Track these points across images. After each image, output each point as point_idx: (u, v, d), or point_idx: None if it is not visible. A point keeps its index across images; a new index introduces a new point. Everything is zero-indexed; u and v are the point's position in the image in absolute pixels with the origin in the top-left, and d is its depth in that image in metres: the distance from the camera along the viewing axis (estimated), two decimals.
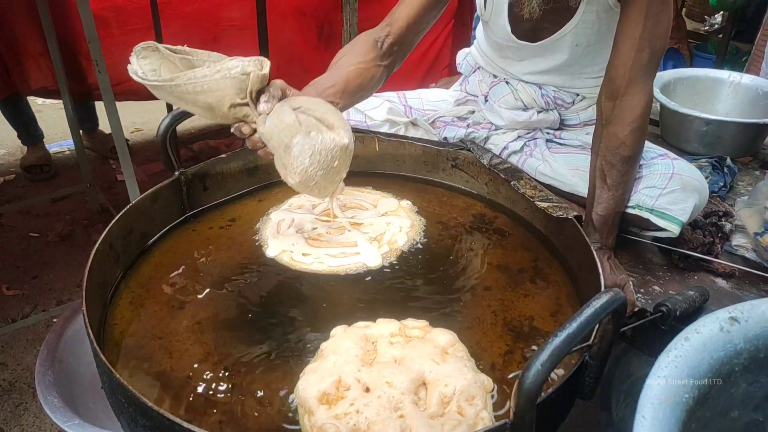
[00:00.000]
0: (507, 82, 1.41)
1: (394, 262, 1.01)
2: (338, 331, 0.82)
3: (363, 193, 1.19)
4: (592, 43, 1.26)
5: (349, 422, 0.68)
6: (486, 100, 1.44)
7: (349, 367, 0.74)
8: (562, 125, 1.43)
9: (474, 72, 1.51)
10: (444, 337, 0.81)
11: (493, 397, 0.76)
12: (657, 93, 1.67)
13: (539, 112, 1.39)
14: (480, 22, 1.44)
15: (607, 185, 1.12)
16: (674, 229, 1.15)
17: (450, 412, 0.70)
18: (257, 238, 1.08)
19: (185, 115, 1.00)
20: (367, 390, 0.72)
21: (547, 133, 1.41)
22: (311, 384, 0.73)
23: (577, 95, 1.40)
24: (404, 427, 0.67)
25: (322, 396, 0.71)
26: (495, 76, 1.45)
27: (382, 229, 1.07)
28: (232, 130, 0.92)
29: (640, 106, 1.09)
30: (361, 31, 1.82)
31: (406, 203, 1.16)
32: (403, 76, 2.81)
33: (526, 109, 1.39)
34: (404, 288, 0.96)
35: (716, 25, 4.72)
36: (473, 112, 1.48)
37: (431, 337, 0.81)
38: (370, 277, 0.98)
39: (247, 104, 0.87)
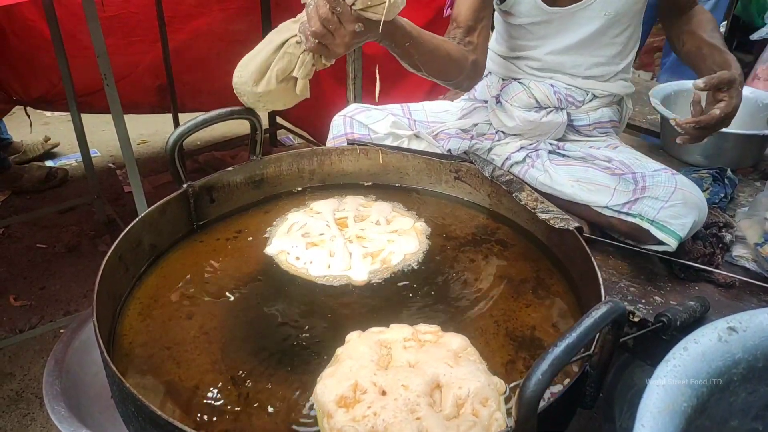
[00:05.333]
0: (519, 82, 1.43)
1: (384, 280, 1.01)
2: (353, 337, 0.84)
3: (386, 208, 1.20)
4: (620, 13, 1.31)
5: (367, 424, 0.69)
6: (498, 102, 1.46)
7: (365, 371, 0.76)
8: (570, 128, 1.45)
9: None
10: (456, 341, 0.83)
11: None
12: (657, 105, 1.69)
13: (550, 112, 1.41)
14: (494, 29, 1.47)
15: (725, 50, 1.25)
16: (672, 243, 1.16)
17: (465, 414, 0.72)
18: (267, 236, 1.11)
19: (193, 129, 1.02)
20: (384, 393, 0.73)
21: (550, 144, 1.43)
22: (329, 388, 0.74)
23: (587, 93, 1.42)
24: (421, 428, 0.69)
25: (340, 399, 0.73)
26: (503, 80, 1.47)
27: (381, 246, 1.08)
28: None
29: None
30: (366, 54, 1.84)
31: (420, 225, 1.16)
32: (409, 89, 2.83)
33: (539, 108, 1.41)
34: (408, 298, 0.98)
35: None
36: (477, 124, 1.50)
37: (444, 341, 0.83)
38: (371, 289, 1.00)
39: None
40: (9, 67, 2.49)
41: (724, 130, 1.61)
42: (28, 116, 2.70)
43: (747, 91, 1.78)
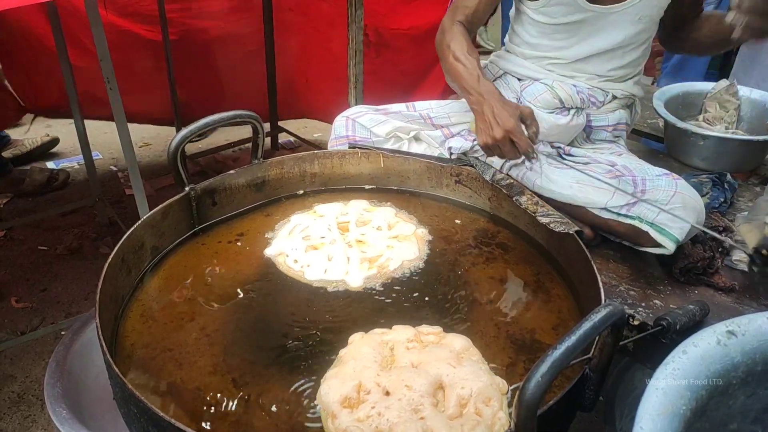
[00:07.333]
0: (542, 82, 1.43)
1: (380, 286, 1.01)
2: (356, 338, 0.85)
3: (389, 213, 1.20)
4: (651, 19, 1.35)
5: (371, 424, 0.70)
6: (519, 103, 1.45)
7: (368, 371, 0.77)
8: (589, 127, 1.46)
9: (495, 80, 1.53)
10: (458, 342, 0.83)
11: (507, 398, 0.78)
12: (660, 108, 1.69)
13: (574, 114, 1.42)
14: (510, 27, 1.48)
15: None
16: (670, 246, 1.16)
17: (468, 414, 0.73)
18: (269, 238, 1.12)
19: (196, 132, 1.03)
20: (387, 393, 0.74)
21: (558, 147, 1.43)
22: (333, 388, 0.75)
23: (608, 94, 1.44)
24: (425, 428, 0.69)
25: (344, 400, 0.73)
26: (520, 80, 1.47)
27: (380, 251, 1.08)
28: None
29: None
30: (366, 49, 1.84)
31: (422, 231, 1.15)
32: (408, 92, 2.84)
33: (563, 108, 1.41)
34: (407, 301, 0.98)
35: None
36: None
37: (446, 342, 0.84)
38: (368, 294, 1.00)
39: None
40: (22, 74, 2.50)
41: (723, 134, 1.62)
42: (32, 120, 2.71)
43: (756, 94, 1.78)
